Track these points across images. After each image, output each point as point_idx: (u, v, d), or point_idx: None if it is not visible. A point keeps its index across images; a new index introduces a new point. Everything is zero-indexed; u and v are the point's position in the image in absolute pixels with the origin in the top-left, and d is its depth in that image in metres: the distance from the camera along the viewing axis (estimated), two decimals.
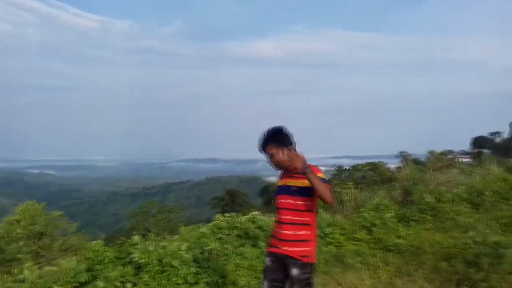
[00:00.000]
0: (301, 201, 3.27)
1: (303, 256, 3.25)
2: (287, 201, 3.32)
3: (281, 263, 3.32)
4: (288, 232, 3.30)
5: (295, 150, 3.32)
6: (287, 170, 3.40)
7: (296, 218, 3.28)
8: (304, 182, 3.20)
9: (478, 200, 8.69)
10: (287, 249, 3.28)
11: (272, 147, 3.33)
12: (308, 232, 3.29)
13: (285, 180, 3.39)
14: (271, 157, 3.35)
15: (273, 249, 3.39)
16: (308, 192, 3.25)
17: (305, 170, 3.09)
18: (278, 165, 3.38)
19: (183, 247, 5.56)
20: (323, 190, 3.08)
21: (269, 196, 59.64)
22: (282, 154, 3.28)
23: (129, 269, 5.20)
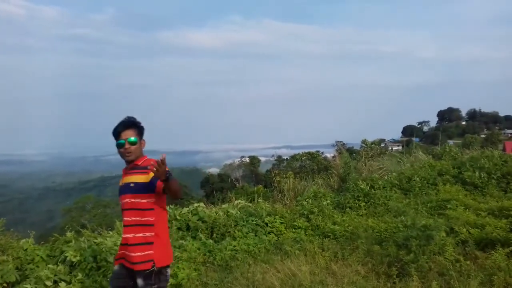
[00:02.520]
0: (141, 198, 3.09)
1: (146, 262, 3.06)
2: (128, 200, 3.11)
3: (130, 270, 3.15)
4: (129, 235, 3.10)
5: (143, 142, 3.23)
6: (128, 165, 3.20)
7: (137, 218, 3.08)
8: (142, 178, 3.07)
9: (407, 186, 9.18)
10: (130, 255, 3.09)
11: (130, 133, 3.12)
12: (151, 234, 3.09)
13: (124, 177, 3.19)
14: (129, 143, 3.11)
15: (120, 261, 3.23)
16: (148, 188, 3.06)
17: (168, 178, 2.90)
18: (130, 153, 3.13)
19: (119, 243, 5.39)
20: (178, 191, 3.01)
21: (211, 187, 59.56)
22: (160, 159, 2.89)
23: (62, 267, 4.98)
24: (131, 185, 3.10)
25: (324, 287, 4.79)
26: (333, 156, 16.24)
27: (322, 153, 53.81)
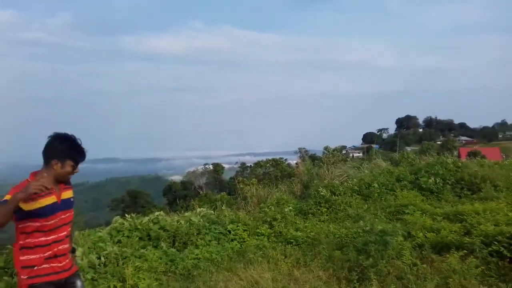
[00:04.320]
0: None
1: (73, 264, 3.32)
2: (68, 214, 3.25)
3: (58, 282, 3.17)
4: (66, 246, 3.24)
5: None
6: (61, 182, 3.20)
7: (70, 229, 3.30)
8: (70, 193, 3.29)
9: (367, 192, 9.38)
10: (66, 262, 3.21)
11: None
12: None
13: (61, 194, 3.17)
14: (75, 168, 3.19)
15: (54, 277, 3.12)
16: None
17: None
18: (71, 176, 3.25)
19: (78, 253, 5.24)
20: None
21: (173, 195, 58.67)
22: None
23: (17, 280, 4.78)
24: (71, 199, 3.27)
25: None
26: (296, 163, 16.41)
27: (286, 160, 54.19)
